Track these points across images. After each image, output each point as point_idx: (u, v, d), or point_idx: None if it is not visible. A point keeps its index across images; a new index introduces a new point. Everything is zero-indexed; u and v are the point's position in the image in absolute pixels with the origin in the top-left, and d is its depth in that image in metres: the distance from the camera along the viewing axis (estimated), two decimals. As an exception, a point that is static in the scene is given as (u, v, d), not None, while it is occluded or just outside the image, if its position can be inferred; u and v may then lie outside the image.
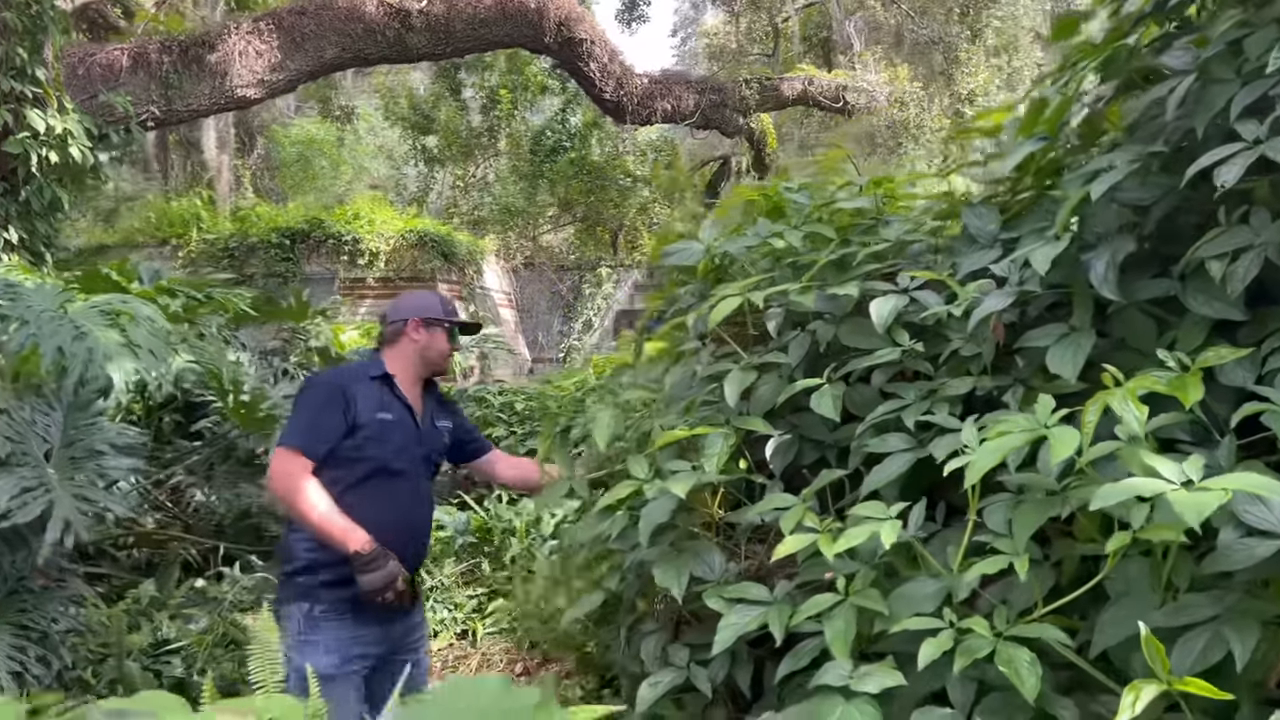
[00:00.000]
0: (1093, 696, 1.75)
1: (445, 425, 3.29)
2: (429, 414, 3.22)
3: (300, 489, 2.80)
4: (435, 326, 3.15)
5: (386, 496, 2.96)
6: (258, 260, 12.05)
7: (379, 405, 2.99)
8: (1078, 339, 1.90)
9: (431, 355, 3.15)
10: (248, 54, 8.95)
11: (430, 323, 3.14)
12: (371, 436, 2.94)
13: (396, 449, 3.01)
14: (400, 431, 3.03)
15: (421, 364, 3.15)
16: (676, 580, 2.23)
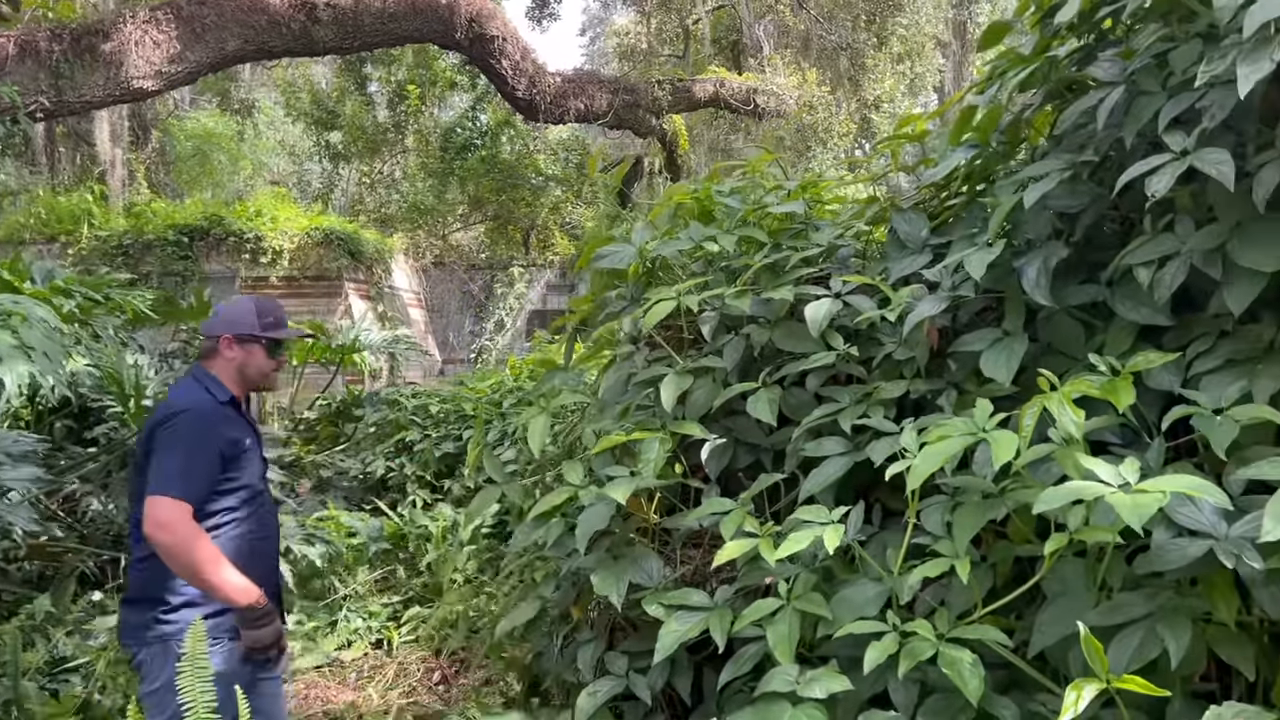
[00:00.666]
0: (1029, 695, 1.78)
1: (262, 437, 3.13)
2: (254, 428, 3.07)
3: (195, 545, 2.59)
4: (250, 343, 2.87)
5: (257, 520, 2.87)
6: (154, 258, 11.60)
7: (239, 428, 2.84)
8: (1011, 343, 1.93)
9: (250, 374, 2.89)
10: (145, 44, 8.58)
11: (244, 339, 2.86)
12: (240, 463, 2.80)
13: (254, 468, 2.89)
14: (254, 453, 2.91)
15: (242, 381, 2.90)
16: (615, 588, 2.21)
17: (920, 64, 17.96)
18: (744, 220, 2.76)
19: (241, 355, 2.87)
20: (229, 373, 2.88)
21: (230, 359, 2.87)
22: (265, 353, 2.90)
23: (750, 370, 2.49)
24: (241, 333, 2.86)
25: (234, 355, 2.87)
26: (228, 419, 2.82)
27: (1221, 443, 1.59)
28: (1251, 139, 1.80)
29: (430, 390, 7.83)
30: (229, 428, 2.79)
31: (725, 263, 2.70)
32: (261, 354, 2.90)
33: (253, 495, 2.85)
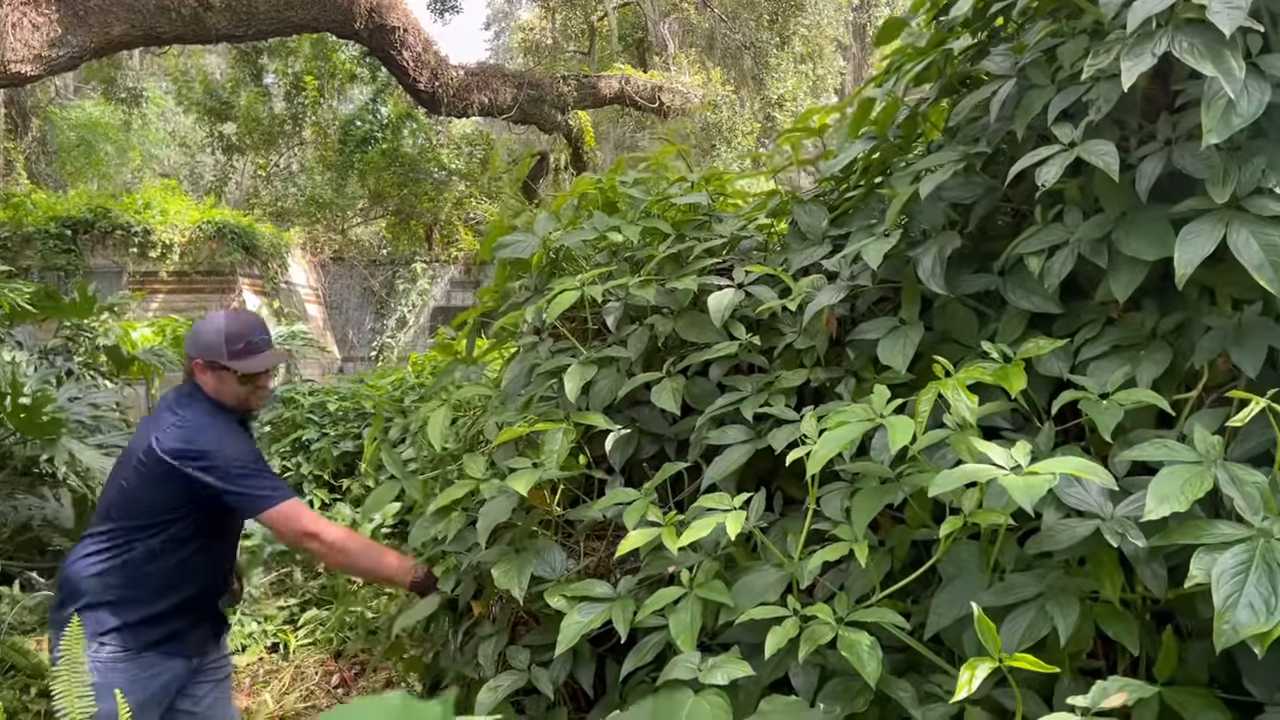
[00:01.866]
0: (925, 677, 1.81)
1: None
2: None
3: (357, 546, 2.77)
4: (220, 370, 2.76)
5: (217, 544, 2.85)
6: (34, 252, 11.08)
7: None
8: (907, 332, 1.97)
9: (226, 398, 2.80)
10: (22, 26, 8.17)
11: (212, 366, 2.76)
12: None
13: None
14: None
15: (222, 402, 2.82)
16: (517, 580, 2.17)
17: (822, 65, 18.31)
18: (648, 212, 2.76)
19: (213, 381, 2.77)
20: (211, 393, 2.79)
21: (204, 383, 2.78)
22: (236, 380, 2.77)
23: (654, 360, 2.48)
24: (209, 359, 2.75)
25: (206, 380, 2.77)
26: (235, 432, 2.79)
27: (1107, 426, 1.64)
28: (1134, 132, 1.87)
29: (329, 388, 7.64)
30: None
31: (629, 253, 2.69)
32: (233, 380, 2.77)
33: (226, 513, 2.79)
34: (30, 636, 4.51)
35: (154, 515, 2.68)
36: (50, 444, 4.51)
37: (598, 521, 2.44)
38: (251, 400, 2.86)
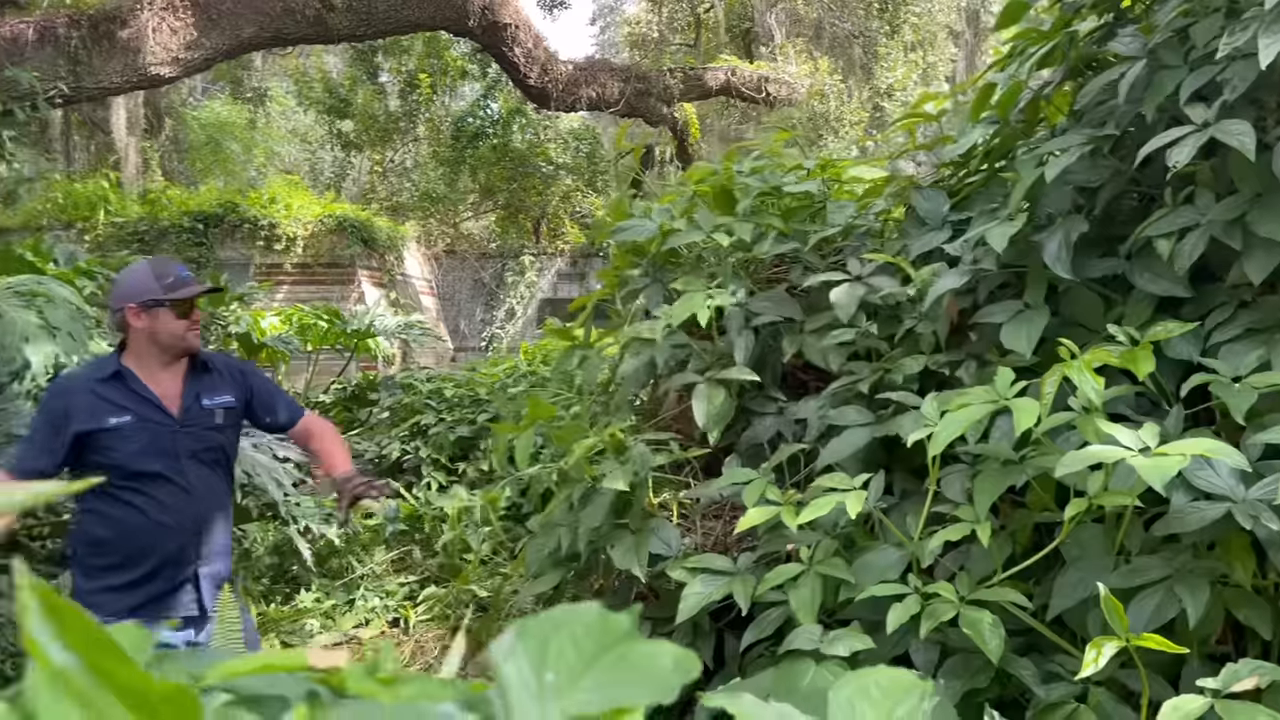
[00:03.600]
0: (1047, 657, 1.82)
1: (222, 401, 2.94)
2: (194, 395, 2.88)
3: None
4: (155, 308, 2.73)
5: (140, 501, 2.73)
6: (169, 244, 11.67)
7: (110, 409, 2.72)
8: (1032, 316, 1.97)
9: (163, 339, 2.76)
10: (162, 30, 8.63)
11: (148, 305, 2.73)
12: (106, 444, 2.70)
13: (141, 450, 2.74)
14: (143, 431, 2.75)
15: (159, 350, 2.78)
16: (636, 560, 2.25)
17: (933, 53, 17.93)
18: (760, 202, 2.80)
19: (149, 322, 2.74)
20: (142, 343, 2.77)
21: (140, 329, 2.75)
22: (173, 315, 2.75)
23: (766, 358, 2.54)
24: (144, 299, 2.73)
25: (141, 324, 2.74)
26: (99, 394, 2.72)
27: (1240, 408, 1.63)
28: (1272, 111, 1.83)
29: (445, 375, 7.88)
30: (94, 405, 2.70)
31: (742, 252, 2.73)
32: (170, 317, 2.75)
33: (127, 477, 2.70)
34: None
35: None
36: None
37: (714, 500, 2.50)
38: (189, 337, 2.82)
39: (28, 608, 0.34)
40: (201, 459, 2.86)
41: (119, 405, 2.72)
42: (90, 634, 0.35)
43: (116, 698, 0.34)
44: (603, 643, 0.58)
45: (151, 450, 2.74)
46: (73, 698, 0.34)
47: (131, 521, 2.70)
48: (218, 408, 2.91)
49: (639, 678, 0.56)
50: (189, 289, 2.78)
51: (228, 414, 2.95)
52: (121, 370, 2.76)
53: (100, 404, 2.71)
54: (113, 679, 0.34)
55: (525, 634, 0.57)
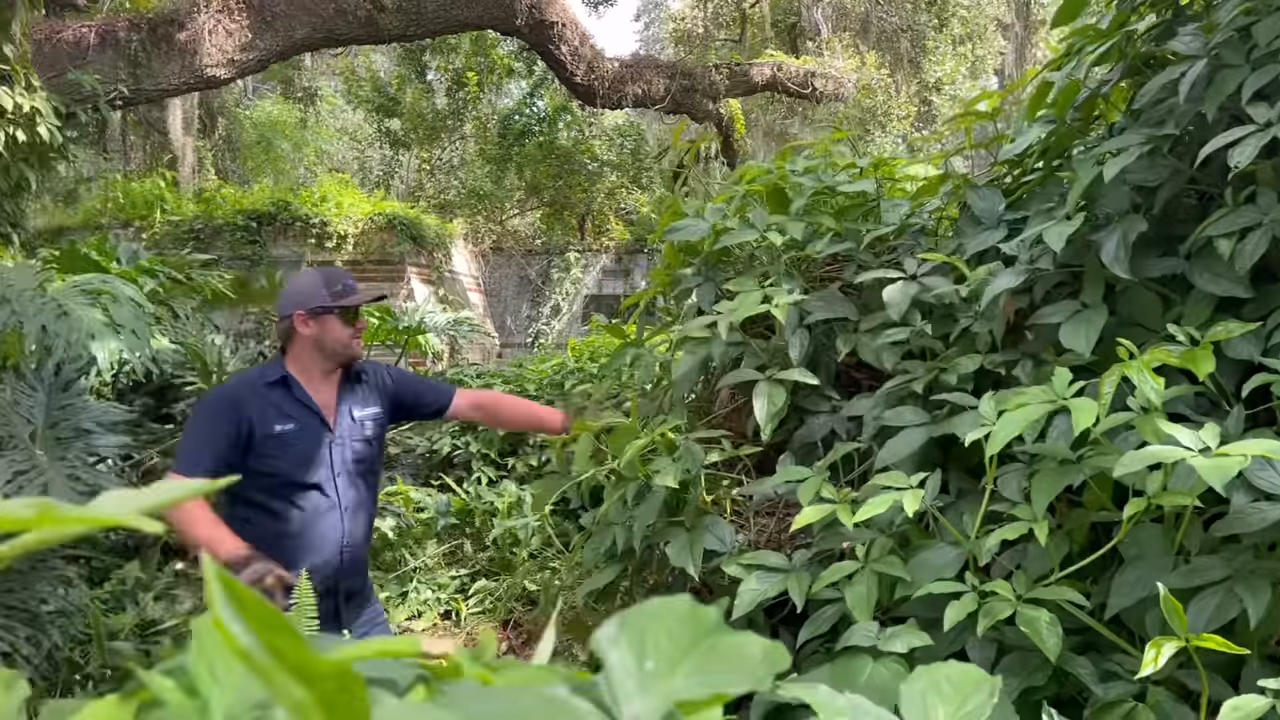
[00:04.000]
0: (1105, 656, 1.83)
1: (371, 413, 2.96)
2: (347, 409, 2.91)
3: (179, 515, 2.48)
4: (324, 314, 2.78)
5: (291, 512, 2.73)
6: (223, 243, 11.90)
7: (277, 415, 2.73)
8: (1090, 315, 1.97)
9: (330, 346, 2.80)
10: (217, 33, 8.81)
11: (317, 312, 2.78)
12: (269, 452, 2.70)
13: (300, 460, 2.75)
14: (304, 440, 2.77)
15: (323, 358, 2.82)
16: (690, 558, 2.28)
17: (981, 46, 17.74)
18: (814, 200, 2.81)
19: (317, 329, 2.78)
20: (307, 350, 2.80)
21: (306, 336, 2.79)
22: (341, 322, 2.81)
23: (820, 356, 2.56)
24: (313, 306, 2.78)
25: (309, 330, 2.78)
26: (267, 400, 2.72)
27: (1302, 409, 1.62)
28: (1336, 111, 1.81)
29: (494, 371, 7.97)
30: (263, 409, 2.70)
31: (794, 251, 2.75)
32: (337, 324, 2.80)
33: (283, 485, 2.71)
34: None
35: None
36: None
37: (767, 497, 2.53)
38: (354, 345, 2.86)
39: (215, 593, 0.38)
40: (351, 472, 2.86)
41: (285, 412, 2.74)
42: (267, 617, 0.39)
43: (289, 674, 0.38)
44: (695, 634, 0.62)
45: (310, 461, 2.75)
46: (254, 672, 0.39)
47: (279, 530, 2.69)
48: (368, 420, 2.93)
49: (731, 667, 0.60)
50: (356, 296, 2.83)
51: (376, 426, 2.97)
52: (288, 376, 2.78)
53: (268, 408, 2.71)
54: (284, 657, 0.39)
55: (626, 624, 0.61)
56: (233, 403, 2.70)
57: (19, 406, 4.39)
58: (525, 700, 0.51)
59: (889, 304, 2.32)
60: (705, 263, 3.03)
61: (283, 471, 2.70)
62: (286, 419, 2.73)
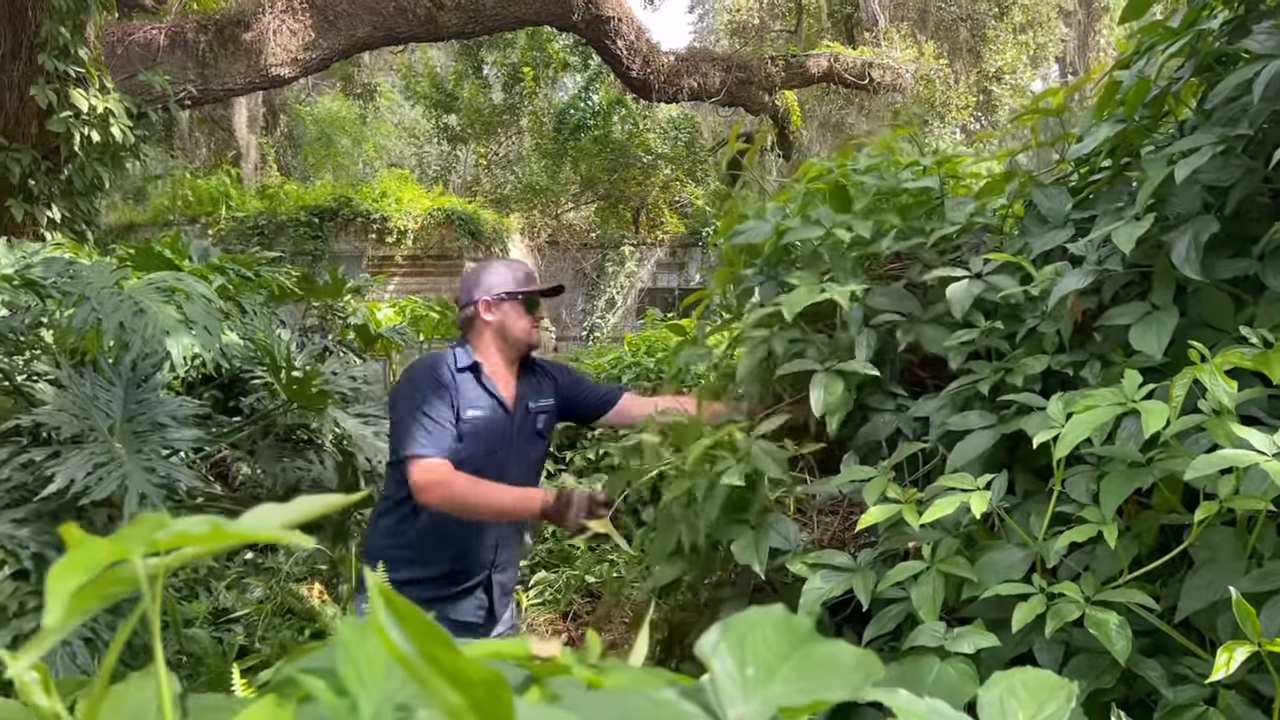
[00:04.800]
0: (1174, 659, 1.82)
1: (544, 405, 2.97)
2: (523, 401, 2.91)
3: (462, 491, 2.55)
4: (508, 301, 2.83)
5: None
6: (286, 238, 12.16)
7: (469, 401, 2.75)
8: (1161, 317, 1.96)
9: (513, 334, 2.84)
10: (282, 32, 9.00)
11: (501, 299, 2.83)
12: (463, 435, 2.70)
13: (487, 450, 2.76)
14: (490, 429, 2.78)
15: (505, 346, 2.86)
16: (756, 556, 2.31)
17: (1043, 34, 17.41)
18: (876, 200, 2.82)
19: (500, 316, 2.82)
20: (490, 338, 2.84)
21: (489, 321, 2.83)
22: (524, 309, 2.86)
23: (885, 354, 2.57)
24: (498, 293, 2.83)
25: (493, 318, 2.83)
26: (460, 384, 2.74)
27: (1380, 414, 1.60)
28: None
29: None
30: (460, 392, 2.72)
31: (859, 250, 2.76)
32: (520, 312, 2.85)
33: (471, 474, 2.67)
34: (301, 584, 5.05)
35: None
36: (319, 414, 5.02)
37: (830, 496, 2.55)
38: (533, 333, 2.88)
39: (377, 605, 0.43)
40: (522, 463, 2.89)
41: (475, 397, 2.77)
42: (423, 627, 0.43)
43: (444, 679, 0.43)
44: (790, 641, 0.66)
45: (496, 453, 2.78)
46: (413, 677, 0.43)
47: (447, 519, 2.68)
48: (540, 412, 2.95)
49: (827, 674, 0.63)
50: (539, 286, 2.92)
51: (547, 419, 2.99)
52: (478, 364, 2.81)
53: (467, 391, 2.75)
54: (440, 664, 0.43)
55: (727, 632, 0.64)
56: (442, 382, 2.73)
57: (98, 401, 4.55)
58: (640, 703, 0.55)
59: (952, 302, 2.32)
60: (767, 262, 3.04)
61: (465, 459, 2.69)
62: (477, 405, 2.76)
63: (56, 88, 7.13)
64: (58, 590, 0.40)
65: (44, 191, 7.31)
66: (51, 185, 7.40)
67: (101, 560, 0.43)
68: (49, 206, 7.39)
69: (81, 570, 0.42)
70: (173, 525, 0.48)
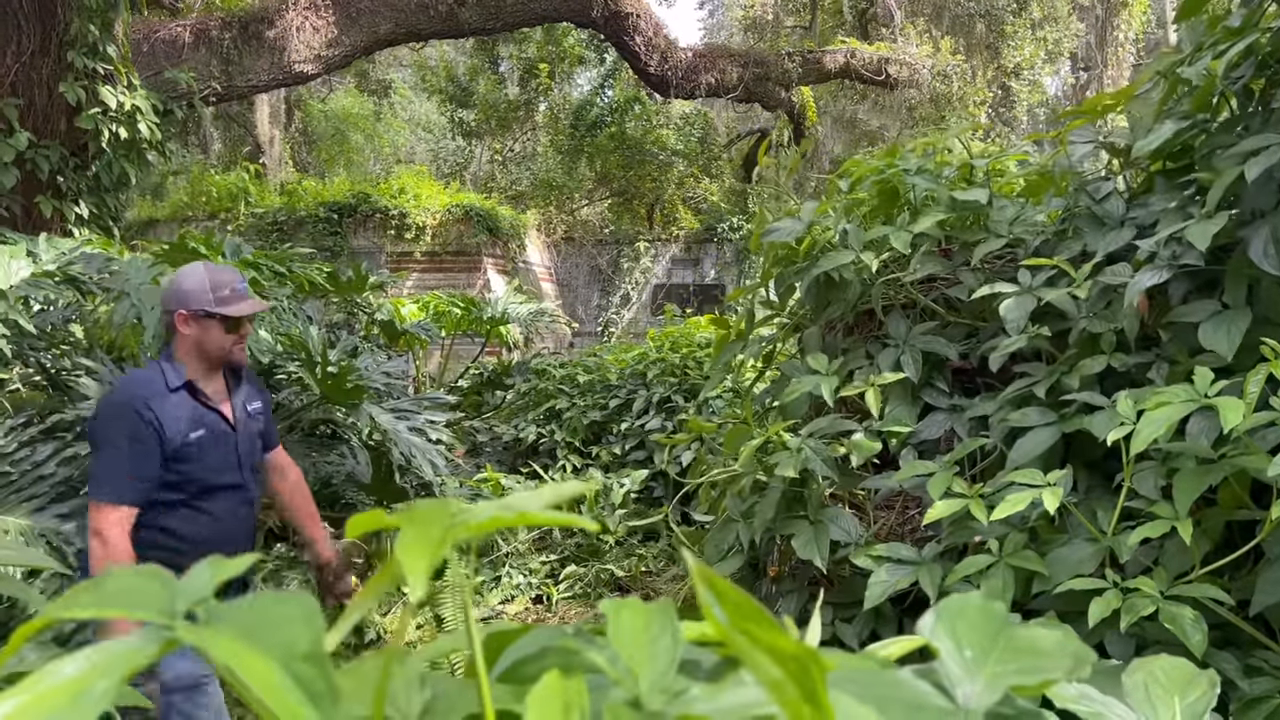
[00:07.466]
0: (1246, 652, 1.85)
1: (256, 407, 2.86)
2: (241, 403, 2.78)
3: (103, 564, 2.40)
4: (205, 319, 2.60)
5: (209, 517, 2.64)
6: (305, 234, 12.20)
7: (188, 423, 2.59)
8: (1233, 315, 1.98)
9: (209, 350, 2.63)
10: (305, 30, 9.04)
11: (197, 315, 2.60)
12: (186, 459, 2.57)
13: (217, 465, 2.65)
14: (216, 444, 2.65)
15: (203, 358, 2.65)
16: (817, 550, 2.34)
17: (1056, 30, 17.37)
18: (923, 203, 2.84)
19: (197, 331, 2.61)
20: (189, 349, 2.64)
21: (186, 336, 2.62)
22: (222, 328, 2.62)
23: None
24: (194, 309, 2.60)
25: (189, 331, 2.61)
26: (173, 406, 2.57)
27: None
28: None
29: (576, 361, 8.09)
30: (174, 418, 2.55)
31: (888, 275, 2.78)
32: (218, 330, 2.62)
33: (200, 493, 2.62)
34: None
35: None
36: (354, 409, 5.06)
37: (887, 492, 2.58)
38: (235, 351, 2.68)
39: (701, 584, 0.46)
40: (253, 466, 2.80)
41: (197, 416, 2.62)
42: (740, 604, 0.46)
43: (765, 654, 0.46)
44: (993, 626, 0.69)
45: (225, 464, 2.67)
46: (737, 652, 0.46)
47: (203, 536, 2.60)
48: (257, 414, 2.85)
49: (1038, 657, 0.66)
50: (240, 305, 2.65)
51: (263, 421, 2.90)
52: (191, 381, 2.64)
53: (183, 412, 2.59)
54: (759, 639, 0.46)
55: (941, 616, 0.67)
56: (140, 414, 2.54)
57: (139, 395, 4.60)
58: (887, 681, 0.58)
59: (1007, 320, 2.34)
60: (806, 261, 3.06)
61: (201, 477, 2.61)
62: (198, 424, 2.62)
63: (85, 84, 7.17)
64: (416, 568, 0.43)
65: (72, 188, 7.35)
66: (80, 181, 7.44)
67: (440, 540, 0.46)
68: (77, 203, 7.43)
69: (427, 550, 0.45)
70: (475, 509, 0.51)
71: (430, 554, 0.45)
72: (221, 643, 0.42)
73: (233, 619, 0.43)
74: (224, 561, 0.51)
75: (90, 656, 0.42)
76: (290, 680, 0.39)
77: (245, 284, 2.71)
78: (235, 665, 0.40)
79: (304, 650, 0.41)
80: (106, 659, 0.42)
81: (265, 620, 0.43)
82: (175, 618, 0.44)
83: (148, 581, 0.47)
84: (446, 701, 0.64)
